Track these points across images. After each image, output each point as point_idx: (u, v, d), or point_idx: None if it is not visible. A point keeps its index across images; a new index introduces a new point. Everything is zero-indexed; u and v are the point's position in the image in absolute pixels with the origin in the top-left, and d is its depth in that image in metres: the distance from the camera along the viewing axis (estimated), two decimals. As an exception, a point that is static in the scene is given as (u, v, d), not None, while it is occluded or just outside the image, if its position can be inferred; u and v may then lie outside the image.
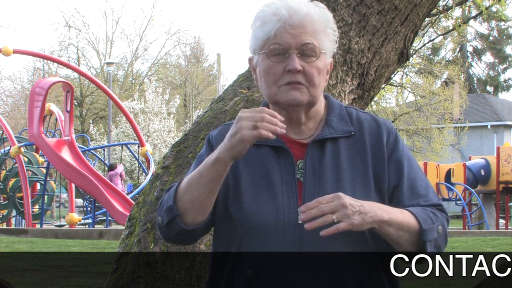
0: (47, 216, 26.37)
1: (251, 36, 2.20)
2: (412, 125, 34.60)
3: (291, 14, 2.13)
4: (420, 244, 2.08)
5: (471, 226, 23.07)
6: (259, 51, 2.18)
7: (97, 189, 16.50)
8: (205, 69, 46.16)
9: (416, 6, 4.25)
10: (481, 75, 53.96)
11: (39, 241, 13.25)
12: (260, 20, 2.17)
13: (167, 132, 36.93)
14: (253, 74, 2.26)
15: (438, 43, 43.44)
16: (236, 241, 2.13)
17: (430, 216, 2.11)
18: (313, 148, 2.15)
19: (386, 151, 2.19)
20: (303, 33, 2.13)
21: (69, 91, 18.31)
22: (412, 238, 2.08)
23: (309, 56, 2.15)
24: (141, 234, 3.60)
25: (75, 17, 49.35)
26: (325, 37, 2.17)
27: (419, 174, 2.21)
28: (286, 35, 2.13)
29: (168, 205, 2.12)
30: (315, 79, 2.15)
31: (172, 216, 2.11)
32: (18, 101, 43.14)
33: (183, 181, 2.14)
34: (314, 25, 2.15)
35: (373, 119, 2.24)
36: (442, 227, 2.12)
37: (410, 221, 2.08)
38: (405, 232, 2.07)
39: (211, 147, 2.21)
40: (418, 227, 2.08)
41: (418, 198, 2.16)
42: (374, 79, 4.22)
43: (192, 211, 2.11)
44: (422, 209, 2.13)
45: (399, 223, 2.06)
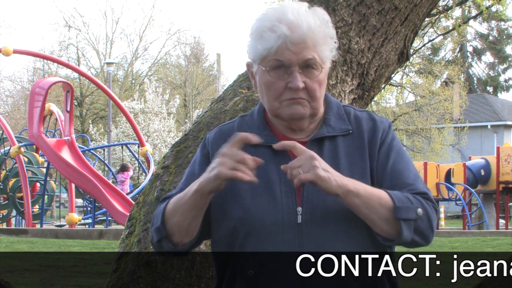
0: (47, 216, 26.37)
1: (250, 45, 2.19)
2: (412, 125, 34.60)
3: (291, 29, 2.11)
4: (395, 223, 2.05)
5: (471, 226, 23.08)
6: (258, 63, 2.17)
7: (97, 189, 16.49)
8: (205, 69, 46.16)
9: (416, 6, 4.25)
10: (481, 75, 53.96)
11: (39, 241, 13.24)
12: (259, 34, 2.15)
13: (167, 132, 36.93)
14: (252, 79, 2.26)
15: (438, 43, 43.42)
16: (237, 242, 2.14)
17: (408, 197, 2.08)
18: (312, 147, 2.15)
19: (379, 145, 2.19)
20: (305, 48, 2.12)
21: (69, 91, 18.30)
22: (385, 214, 2.05)
23: (310, 71, 2.14)
24: (141, 234, 3.60)
25: (75, 17, 49.29)
26: (326, 47, 2.16)
27: (408, 166, 2.19)
28: (287, 52, 2.11)
29: (157, 226, 2.16)
30: (316, 93, 2.15)
31: (160, 236, 2.15)
32: (18, 101, 43.14)
33: (171, 201, 2.16)
34: (315, 38, 2.13)
35: (370, 117, 2.25)
36: (424, 210, 2.08)
37: (381, 196, 2.06)
38: (375, 205, 2.05)
39: (206, 152, 2.24)
40: (392, 203, 2.06)
41: (403, 187, 2.13)
42: (374, 79, 4.22)
43: (179, 233, 2.14)
44: (400, 192, 2.11)
45: (367, 195, 2.04)
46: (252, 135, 2.06)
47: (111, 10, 50.70)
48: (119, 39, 66.65)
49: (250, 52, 2.19)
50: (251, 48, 2.18)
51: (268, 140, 2.16)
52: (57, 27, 62.68)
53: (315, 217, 2.09)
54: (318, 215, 2.09)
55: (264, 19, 2.15)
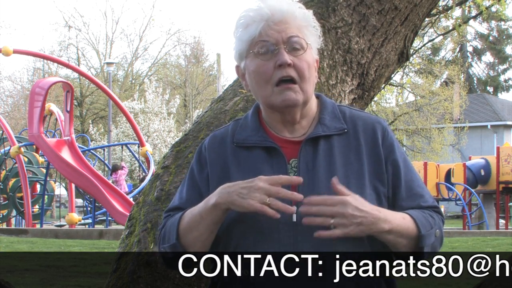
0: (47, 216, 26.37)
1: (235, 43, 2.21)
2: (412, 125, 34.59)
3: (272, 12, 2.15)
4: (418, 249, 2.12)
5: (471, 226, 23.07)
6: (245, 54, 2.19)
7: (97, 189, 16.49)
8: (205, 69, 46.16)
9: (416, 6, 4.25)
10: (481, 75, 53.96)
11: (39, 241, 13.24)
12: (243, 25, 2.18)
13: (167, 132, 36.93)
14: (242, 81, 2.27)
15: (438, 43, 43.44)
16: (232, 242, 2.14)
17: (429, 221, 2.14)
18: (307, 146, 2.16)
19: (383, 150, 2.20)
20: (288, 27, 2.15)
21: (69, 91, 18.30)
22: (410, 243, 2.12)
23: (296, 50, 2.16)
24: (141, 234, 3.60)
25: (75, 17, 49.37)
26: (309, 32, 2.19)
27: (414, 174, 2.23)
28: (270, 31, 2.15)
29: (172, 243, 2.16)
30: (305, 72, 2.16)
31: (177, 252, 2.16)
32: (18, 101, 43.13)
33: (183, 217, 2.17)
34: (297, 21, 2.17)
35: (366, 116, 2.26)
36: (440, 230, 2.16)
37: (409, 227, 2.11)
38: (404, 239, 2.10)
39: (202, 160, 2.24)
40: (417, 232, 2.11)
41: (416, 199, 2.19)
42: (374, 79, 4.22)
43: (195, 248, 2.16)
44: (421, 212, 2.16)
45: (399, 231, 2.10)
46: (296, 178, 2.07)
47: (111, 10, 50.78)
48: (119, 39, 66.80)
49: (236, 49, 2.22)
50: (236, 44, 2.22)
51: (262, 141, 2.17)
52: (57, 27, 62.83)
53: (310, 216, 2.09)
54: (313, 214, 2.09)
55: (245, 14, 2.20)
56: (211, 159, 2.22)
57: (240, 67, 2.25)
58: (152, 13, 59.33)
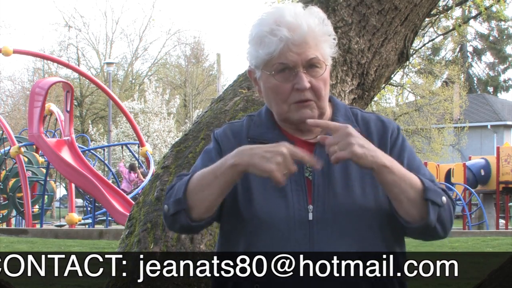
0: (47, 216, 26.36)
1: (250, 51, 2.19)
2: (412, 125, 34.60)
3: (292, 31, 2.12)
4: (423, 205, 2.06)
5: (471, 226, 23.06)
6: (262, 68, 2.18)
7: (97, 189, 16.49)
8: (205, 69, 46.14)
9: (416, 6, 4.25)
10: (481, 75, 53.96)
11: (39, 241, 13.24)
12: (259, 40, 2.15)
13: (167, 132, 36.93)
14: (255, 85, 2.26)
15: (438, 43, 43.41)
16: (244, 240, 2.14)
17: (435, 183, 2.11)
18: (321, 147, 2.15)
19: (394, 151, 2.20)
20: (307, 48, 2.13)
21: (69, 91, 18.30)
22: (414, 195, 2.06)
23: (315, 70, 2.15)
24: (141, 234, 3.60)
25: (75, 17, 49.22)
26: (326, 44, 2.18)
27: (421, 165, 2.22)
28: (290, 54, 2.12)
29: (178, 197, 2.12)
30: (322, 92, 2.16)
31: (180, 208, 2.12)
32: (18, 101, 43.12)
33: (194, 176, 2.13)
34: (316, 37, 2.15)
35: (378, 118, 2.27)
36: (448, 199, 2.10)
37: (412, 177, 2.08)
38: (407, 185, 2.06)
39: (218, 145, 2.23)
40: (421, 185, 2.07)
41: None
42: (374, 79, 4.22)
43: (200, 208, 2.12)
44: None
45: (401, 174, 2.06)
46: (310, 157, 2.06)
47: (111, 10, 50.79)
48: (119, 39, 66.69)
49: (252, 59, 2.20)
50: (251, 55, 2.19)
51: (279, 139, 2.16)
52: (57, 27, 62.63)
53: (326, 215, 2.10)
54: (329, 213, 2.10)
55: (262, 24, 2.16)
56: (226, 147, 2.20)
57: (253, 73, 2.24)
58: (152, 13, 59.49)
